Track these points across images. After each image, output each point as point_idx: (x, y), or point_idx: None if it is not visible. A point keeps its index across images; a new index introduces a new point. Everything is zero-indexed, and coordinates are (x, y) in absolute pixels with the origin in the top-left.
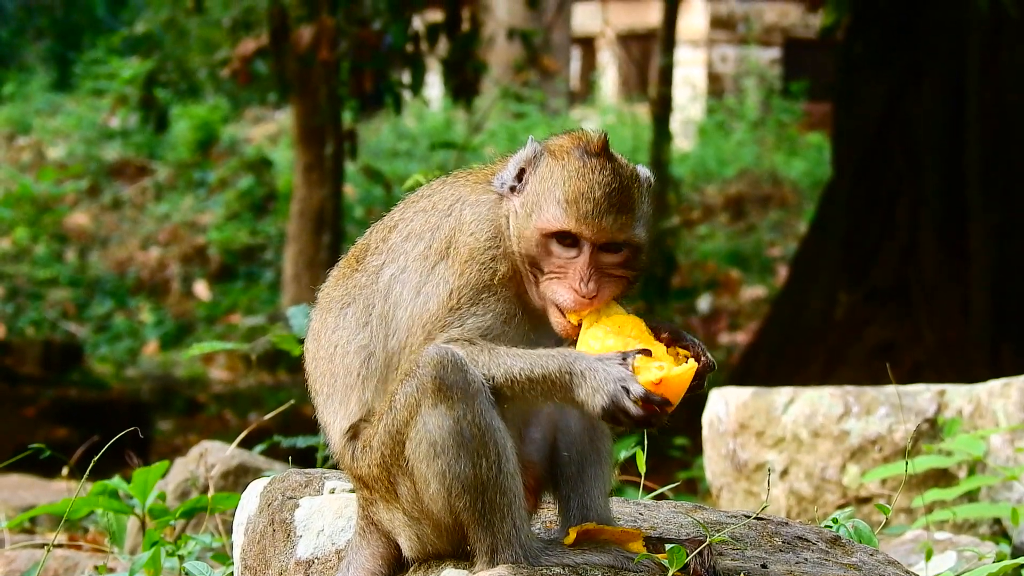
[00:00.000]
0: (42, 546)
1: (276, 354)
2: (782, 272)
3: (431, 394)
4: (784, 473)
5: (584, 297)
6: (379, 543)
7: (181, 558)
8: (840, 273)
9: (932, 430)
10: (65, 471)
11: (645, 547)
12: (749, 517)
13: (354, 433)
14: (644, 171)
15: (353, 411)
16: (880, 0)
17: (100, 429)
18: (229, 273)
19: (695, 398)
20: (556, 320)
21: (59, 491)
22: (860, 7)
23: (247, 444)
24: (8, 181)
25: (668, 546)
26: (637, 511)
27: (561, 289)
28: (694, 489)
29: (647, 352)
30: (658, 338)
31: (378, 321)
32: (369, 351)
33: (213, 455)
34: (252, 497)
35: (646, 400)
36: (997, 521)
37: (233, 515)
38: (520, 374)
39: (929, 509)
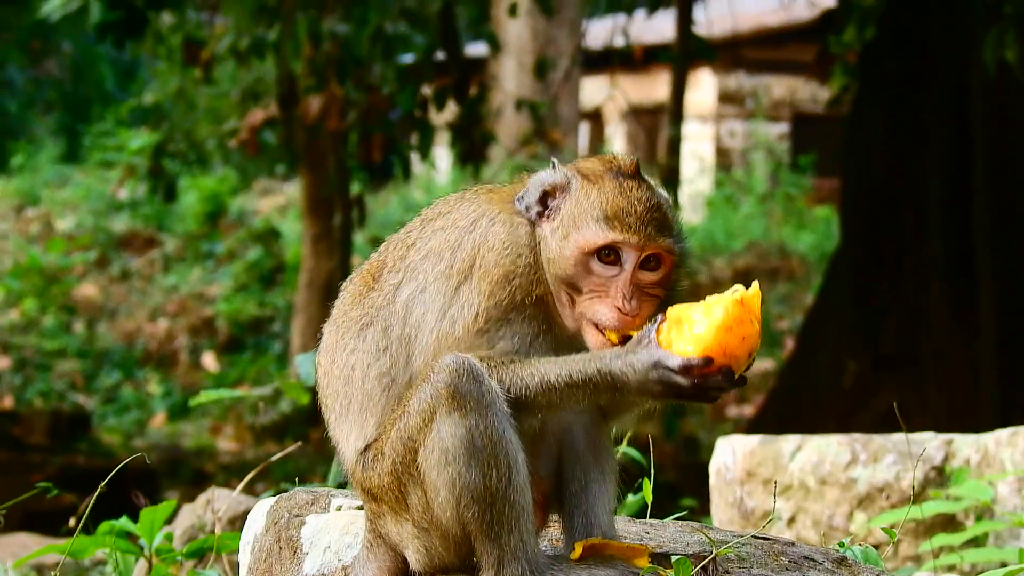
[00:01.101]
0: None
1: (284, 425)
2: (789, 345)
3: (445, 401)
4: (791, 521)
5: (627, 315)
6: (386, 557)
7: None
8: (848, 340)
9: (939, 478)
10: (72, 522)
11: (650, 563)
12: (752, 533)
13: (367, 447)
14: (665, 193)
15: (370, 432)
16: (886, 65)
17: (108, 494)
18: (237, 344)
19: (701, 453)
20: (594, 339)
21: None
22: (867, 73)
23: (254, 494)
24: (17, 252)
25: (674, 558)
26: (643, 530)
27: (603, 308)
28: None
29: (662, 319)
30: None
31: (397, 344)
32: (391, 377)
33: (220, 501)
34: (258, 516)
35: (685, 369)
36: (1003, 567)
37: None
38: (559, 381)
39: (936, 555)
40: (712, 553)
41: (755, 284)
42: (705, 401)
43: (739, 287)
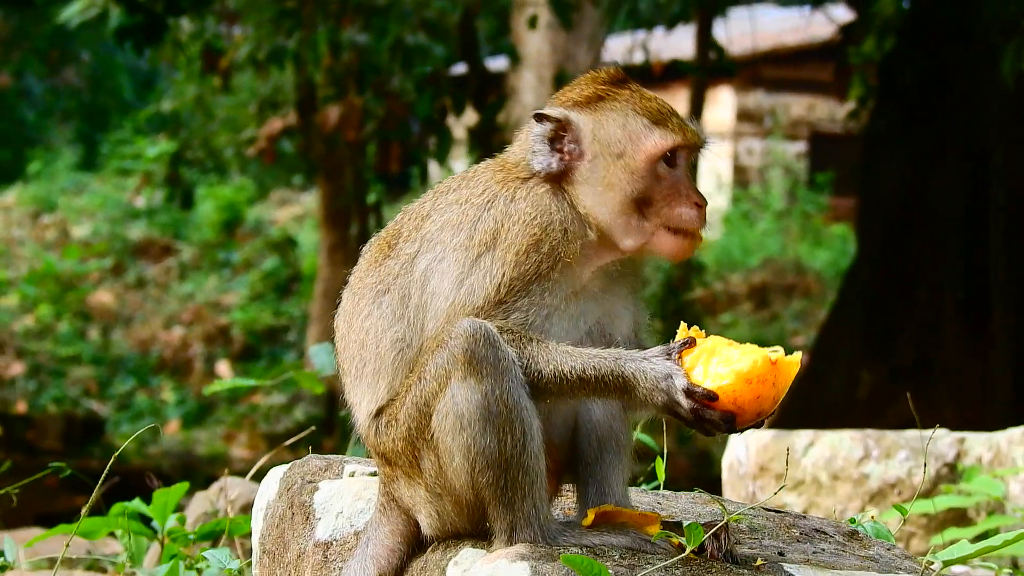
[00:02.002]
0: (53, 562)
1: (297, 433)
2: (804, 359)
3: (461, 366)
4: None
5: (704, 207)
6: (399, 520)
7: (199, 571)
8: (862, 353)
9: (952, 475)
10: (84, 511)
11: (662, 530)
12: (762, 504)
13: (380, 412)
14: None
15: (382, 396)
16: (903, 77)
17: (119, 495)
18: (252, 353)
19: (713, 467)
20: (673, 246)
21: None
22: (884, 85)
23: None
24: (33, 259)
25: (685, 524)
26: (655, 500)
27: (682, 210)
28: None
29: (691, 343)
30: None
31: (415, 312)
32: (406, 342)
33: (233, 489)
34: (272, 483)
35: (689, 393)
36: (1014, 564)
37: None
38: (571, 373)
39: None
40: (724, 519)
41: (797, 354)
42: (700, 431)
43: (780, 349)
